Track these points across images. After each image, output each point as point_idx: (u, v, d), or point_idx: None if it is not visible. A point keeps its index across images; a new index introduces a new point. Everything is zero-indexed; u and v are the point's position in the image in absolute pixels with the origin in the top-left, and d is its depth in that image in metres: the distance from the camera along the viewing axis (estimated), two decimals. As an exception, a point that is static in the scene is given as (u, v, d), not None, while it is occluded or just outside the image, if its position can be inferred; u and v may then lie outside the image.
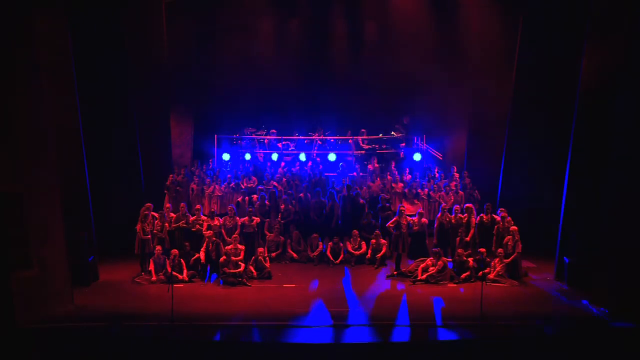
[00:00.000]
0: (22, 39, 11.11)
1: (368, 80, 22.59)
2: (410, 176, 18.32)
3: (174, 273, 13.21)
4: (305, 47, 22.67)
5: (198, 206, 15.87)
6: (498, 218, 14.54)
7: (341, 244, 15.29)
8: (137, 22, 17.18)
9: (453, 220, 14.82)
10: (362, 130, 20.99)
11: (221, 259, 13.58)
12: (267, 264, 14.14)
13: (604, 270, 12.49)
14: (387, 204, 16.10)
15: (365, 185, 17.66)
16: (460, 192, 17.13)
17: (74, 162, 13.48)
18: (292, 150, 20.65)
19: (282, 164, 19.59)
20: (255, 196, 16.56)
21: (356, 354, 10.09)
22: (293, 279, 13.94)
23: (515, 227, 14.00)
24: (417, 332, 10.71)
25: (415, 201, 16.17)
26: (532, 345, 10.37)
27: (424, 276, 13.53)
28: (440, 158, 21.09)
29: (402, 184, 17.69)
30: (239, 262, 13.62)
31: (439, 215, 14.94)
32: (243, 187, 17.48)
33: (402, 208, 14.85)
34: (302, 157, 19.76)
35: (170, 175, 17.98)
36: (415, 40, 21.73)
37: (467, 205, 15.49)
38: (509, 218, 14.36)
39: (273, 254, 15.18)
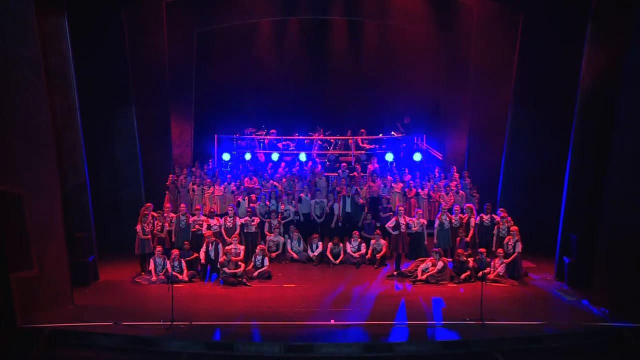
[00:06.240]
0: (22, 38, 11.10)
1: (368, 80, 22.64)
2: (410, 176, 18.32)
3: (174, 273, 13.23)
4: (305, 47, 22.72)
5: (198, 206, 15.87)
6: (498, 218, 14.56)
7: (341, 244, 15.29)
8: (137, 22, 17.20)
9: (453, 220, 14.83)
10: (362, 130, 21.01)
11: (221, 259, 13.58)
12: (267, 264, 14.14)
13: (604, 270, 12.50)
14: (388, 205, 16.10)
15: (365, 185, 17.66)
16: (461, 192, 17.13)
17: (74, 162, 13.48)
18: (292, 150, 20.66)
19: (282, 164, 19.58)
20: (254, 196, 16.57)
21: (356, 353, 10.08)
22: (293, 279, 13.94)
23: (515, 227, 14.02)
24: (417, 331, 10.72)
25: (416, 210, 16.07)
26: (532, 345, 10.36)
27: (424, 276, 13.53)
28: (440, 158, 21.11)
29: (402, 184, 17.68)
30: (239, 262, 13.62)
31: (439, 215, 14.95)
32: (243, 187, 17.46)
33: (400, 208, 14.86)
34: (302, 157, 19.74)
35: (170, 175, 17.98)
36: (415, 40, 21.78)
37: (467, 205, 15.52)
38: (509, 218, 14.38)
39: (273, 254, 15.18)
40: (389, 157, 19.25)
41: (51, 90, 12.02)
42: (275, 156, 19.85)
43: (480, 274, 13.02)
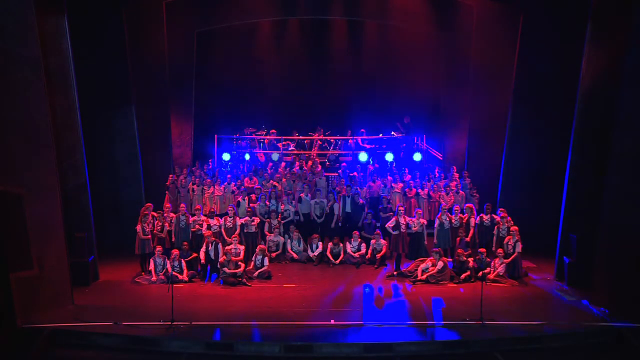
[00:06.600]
0: (22, 38, 11.10)
1: (368, 80, 22.66)
2: (410, 176, 18.32)
3: (174, 273, 13.23)
4: (305, 47, 22.73)
5: (198, 206, 15.88)
6: (498, 218, 14.56)
7: (341, 244, 15.29)
8: (137, 22, 17.20)
9: (453, 220, 14.83)
10: (362, 130, 21.01)
11: (221, 259, 13.58)
12: (267, 264, 14.13)
13: (604, 270, 12.50)
14: (389, 205, 16.10)
15: (365, 185, 17.67)
16: (461, 192, 17.13)
17: (74, 162, 13.48)
18: (291, 150, 20.66)
19: (283, 164, 19.60)
20: (254, 196, 16.58)
21: (356, 353, 10.08)
22: (293, 279, 13.94)
23: (515, 227, 14.02)
24: (417, 331, 10.72)
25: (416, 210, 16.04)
26: (532, 345, 10.36)
27: (424, 276, 13.53)
28: (440, 158, 21.11)
29: (402, 184, 17.69)
30: (239, 262, 13.62)
31: (439, 215, 14.95)
32: (243, 187, 17.47)
33: (400, 208, 14.86)
34: (275, 156, 19.64)
35: (170, 175, 17.98)
36: (415, 40, 21.78)
37: (467, 205, 15.52)
38: (509, 218, 14.38)
39: (273, 254, 15.17)
40: (389, 157, 19.26)
41: (51, 90, 12.01)
42: (275, 156, 19.86)
43: (480, 274, 13.02)
